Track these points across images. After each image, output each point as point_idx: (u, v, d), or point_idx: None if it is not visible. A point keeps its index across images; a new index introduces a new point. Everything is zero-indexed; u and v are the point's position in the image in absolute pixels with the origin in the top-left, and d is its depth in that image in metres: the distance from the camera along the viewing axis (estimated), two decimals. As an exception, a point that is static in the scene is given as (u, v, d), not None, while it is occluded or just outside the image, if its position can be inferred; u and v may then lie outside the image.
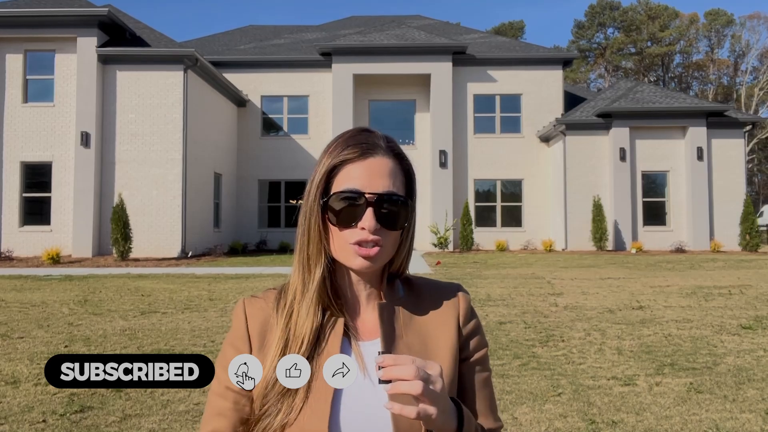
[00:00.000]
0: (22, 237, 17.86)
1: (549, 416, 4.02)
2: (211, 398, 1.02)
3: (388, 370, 0.82)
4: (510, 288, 10.89)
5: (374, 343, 1.00)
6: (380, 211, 0.95)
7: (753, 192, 52.68)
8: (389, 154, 0.99)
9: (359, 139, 1.00)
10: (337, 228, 0.97)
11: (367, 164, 0.97)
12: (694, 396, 4.46)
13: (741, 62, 54.83)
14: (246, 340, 1.01)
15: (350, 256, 0.97)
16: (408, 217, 0.99)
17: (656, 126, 21.29)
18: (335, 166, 0.98)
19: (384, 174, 0.97)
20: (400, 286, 1.07)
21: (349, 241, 0.96)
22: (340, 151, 0.99)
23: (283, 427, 0.93)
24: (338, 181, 0.98)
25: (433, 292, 1.08)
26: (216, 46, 26.11)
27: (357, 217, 0.95)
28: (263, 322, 1.02)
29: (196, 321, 7.62)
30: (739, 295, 9.87)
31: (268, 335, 1.00)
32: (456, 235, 22.06)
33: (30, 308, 8.69)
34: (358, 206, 0.95)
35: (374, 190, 0.95)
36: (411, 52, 22.69)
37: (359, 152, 0.98)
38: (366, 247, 0.95)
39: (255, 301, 1.05)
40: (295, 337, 0.98)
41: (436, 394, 0.84)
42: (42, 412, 4.12)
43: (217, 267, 15.53)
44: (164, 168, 18.14)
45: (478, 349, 1.07)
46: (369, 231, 0.94)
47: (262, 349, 1.00)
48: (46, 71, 18.39)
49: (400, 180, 1.00)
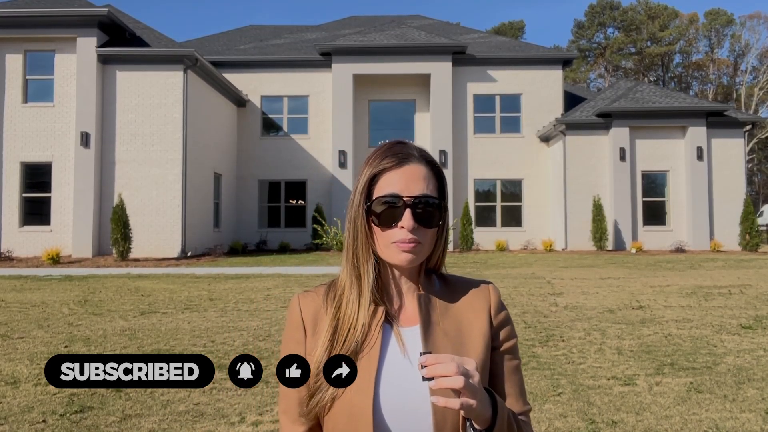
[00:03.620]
0: (22, 237, 17.86)
1: (549, 416, 4.02)
2: (281, 384, 1.11)
3: (432, 368, 0.93)
4: (510, 288, 10.88)
5: (413, 329, 1.12)
6: (417, 212, 1.08)
7: (753, 192, 52.67)
8: (422, 162, 1.12)
9: (395, 150, 1.12)
10: (379, 228, 1.10)
11: (403, 171, 1.10)
12: (694, 396, 4.46)
13: (741, 62, 54.85)
14: (301, 328, 1.14)
15: (394, 253, 1.09)
16: (442, 216, 1.12)
17: (656, 126, 21.29)
18: (375, 174, 1.11)
19: (419, 179, 1.10)
20: (436, 280, 1.19)
21: (391, 240, 1.09)
22: (379, 162, 1.12)
23: (333, 399, 1.06)
24: (379, 187, 1.10)
25: (466, 286, 1.20)
26: (216, 46, 26.10)
27: (397, 218, 1.08)
28: (315, 311, 1.15)
29: (196, 321, 7.63)
30: (739, 294, 9.86)
31: (320, 323, 1.13)
32: (456, 235, 22.05)
33: (30, 308, 8.69)
34: (397, 208, 1.08)
35: (411, 194, 1.08)
36: (411, 52, 22.69)
37: (396, 161, 1.10)
38: (407, 243, 1.07)
39: (307, 294, 1.19)
40: (343, 325, 1.11)
41: (475, 387, 0.94)
42: (42, 412, 4.13)
43: (217, 267, 15.53)
44: (164, 168, 18.13)
45: (509, 339, 1.18)
46: (408, 230, 1.07)
47: (314, 335, 1.13)
48: (46, 71, 18.38)
49: (433, 184, 1.12)
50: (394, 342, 1.10)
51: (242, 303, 9.16)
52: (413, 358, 1.07)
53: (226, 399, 4.42)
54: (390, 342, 1.10)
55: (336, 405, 1.06)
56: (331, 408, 1.07)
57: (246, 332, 6.87)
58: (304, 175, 23.63)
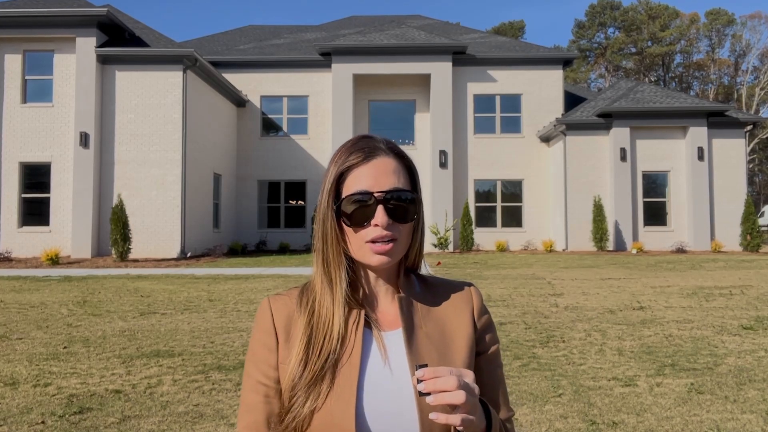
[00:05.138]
0: (21, 238, 17.84)
1: (549, 417, 4.00)
2: (244, 395, 1.08)
3: (431, 383, 0.88)
4: (510, 288, 10.86)
5: (394, 333, 1.06)
6: (390, 207, 1.02)
7: (754, 192, 52.66)
8: (390, 154, 1.06)
9: (360, 145, 1.07)
10: (352, 229, 1.04)
11: (371, 166, 1.04)
12: (695, 397, 4.44)
13: (742, 62, 54.82)
14: (273, 334, 1.07)
15: (367, 254, 1.03)
16: (416, 210, 1.07)
17: (657, 126, 21.28)
18: (342, 172, 1.05)
19: (388, 173, 1.04)
20: (416, 281, 1.14)
21: (364, 239, 1.03)
22: (345, 158, 1.05)
23: (312, 412, 0.99)
24: (347, 185, 1.04)
25: (447, 287, 1.15)
26: (215, 46, 26.08)
27: (369, 216, 1.02)
28: (288, 316, 1.08)
29: (195, 322, 7.61)
30: (740, 295, 9.84)
31: (293, 329, 1.07)
32: (456, 235, 22.04)
33: (29, 309, 8.67)
34: (369, 206, 1.02)
35: (381, 189, 1.02)
36: (411, 52, 22.68)
37: (363, 156, 1.05)
38: (381, 243, 1.02)
39: (279, 297, 1.12)
40: (318, 333, 1.04)
41: (476, 402, 0.91)
42: (41, 413, 4.11)
43: (216, 268, 15.51)
44: (163, 168, 18.11)
45: (493, 343, 1.14)
46: (382, 227, 1.01)
47: (287, 342, 1.06)
48: (45, 71, 18.37)
49: (404, 176, 1.06)
50: (375, 347, 1.04)
51: (242, 304, 9.14)
52: (395, 363, 1.02)
53: (226, 400, 4.40)
54: (370, 347, 1.04)
55: (315, 418, 0.99)
56: (311, 422, 0.99)
57: (245, 333, 6.85)
58: (303, 175, 23.62)
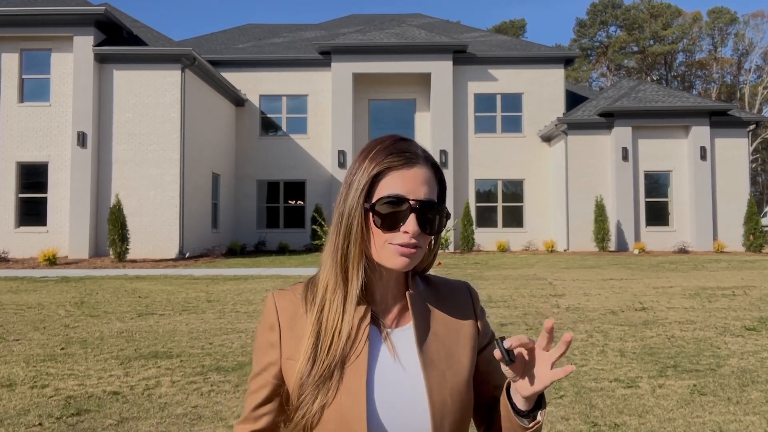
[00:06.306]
0: (18, 238, 17.77)
1: (551, 419, 3.97)
2: (251, 382, 1.11)
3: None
4: (511, 289, 10.82)
5: (403, 329, 1.09)
6: (422, 217, 1.03)
7: (756, 192, 52.59)
8: (428, 164, 1.08)
9: (401, 147, 1.07)
10: (380, 230, 1.04)
11: (410, 173, 1.04)
12: (698, 398, 4.41)
13: (744, 61, 54.77)
14: (277, 329, 1.09)
15: (390, 255, 1.04)
16: (441, 222, 1.08)
17: (659, 125, 21.23)
18: (380, 172, 1.04)
19: (425, 182, 1.05)
20: (419, 281, 1.17)
21: (390, 241, 1.04)
22: (383, 158, 1.05)
23: (323, 408, 1.01)
24: (382, 186, 1.04)
25: (447, 286, 1.19)
26: (214, 45, 26.03)
27: (400, 222, 1.03)
28: (292, 312, 1.09)
29: (194, 323, 7.57)
30: (742, 296, 9.80)
31: (297, 324, 1.08)
32: (457, 235, 21.99)
33: (26, 310, 8.63)
34: (402, 211, 1.03)
35: (418, 197, 1.03)
36: (411, 50, 22.63)
37: (404, 161, 1.05)
38: (408, 248, 1.03)
39: (283, 293, 1.12)
40: (327, 330, 1.05)
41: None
42: (38, 415, 4.08)
43: (215, 268, 15.47)
44: (162, 168, 18.06)
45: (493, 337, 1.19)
46: (412, 235, 1.02)
47: (292, 338, 1.07)
48: (43, 70, 18.31)
49: (436, 188, 1.09)
50: (383, 345, 1.07)
51: (240, 304, 9.10)
52: (405, 359, 1.05)
53: (225, 402, 4.37)
54: (378, 344, 1.06)
55: (325, 414, 1.01)
56: (320, 419, 1.01)
57: (244, 334, 6.81)
58: (303, 175, 23.58)
